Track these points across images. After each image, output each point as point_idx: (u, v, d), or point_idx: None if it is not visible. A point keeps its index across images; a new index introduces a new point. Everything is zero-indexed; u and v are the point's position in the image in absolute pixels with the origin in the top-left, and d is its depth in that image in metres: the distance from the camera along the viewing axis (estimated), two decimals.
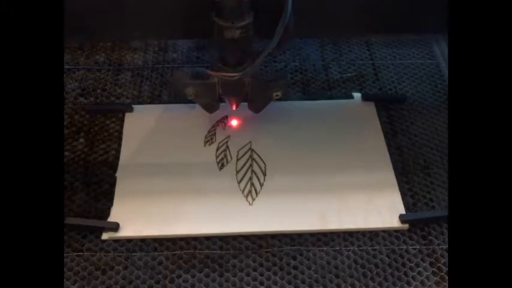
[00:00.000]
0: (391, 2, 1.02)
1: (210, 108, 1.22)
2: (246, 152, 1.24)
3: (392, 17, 1.06)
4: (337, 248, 1.07)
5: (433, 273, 1.04)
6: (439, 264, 1.05)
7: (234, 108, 1.23)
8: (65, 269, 1.03)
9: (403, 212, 1.13)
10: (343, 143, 1.26)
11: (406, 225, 1.11)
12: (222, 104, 1.22)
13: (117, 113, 1.34)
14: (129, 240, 1.08)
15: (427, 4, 1.02)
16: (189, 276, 1.03)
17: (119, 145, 1.26)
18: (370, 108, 1.35)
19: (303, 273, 1.03)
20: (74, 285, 1.01)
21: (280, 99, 1.18)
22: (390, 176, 1.20)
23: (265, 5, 0.98)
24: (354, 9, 1.04)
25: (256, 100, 1.20)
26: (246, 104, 1.22)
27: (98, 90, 1.41)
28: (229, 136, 1.27)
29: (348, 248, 1.07)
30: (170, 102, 1.37)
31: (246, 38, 1.03)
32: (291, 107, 1.34)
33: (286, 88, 1.19)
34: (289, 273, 1.03)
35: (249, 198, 1.15)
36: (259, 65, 1.09)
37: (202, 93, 1.17)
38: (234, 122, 1.29)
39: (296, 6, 0.97)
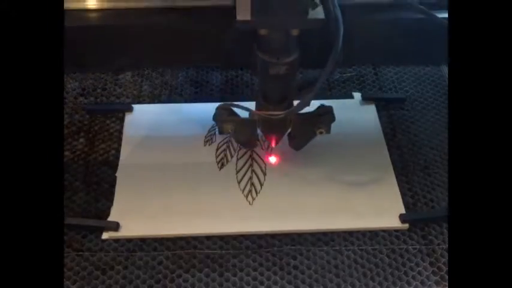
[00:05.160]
0: (395, 38, 1.01)
1: (248, 145, 1.20)
2: (246, 152, 1.24)
3: (399, 50, 1.05)
4: (337, 248, 1.07)
5: (433, 272, 1.04)
6: (439, 264, 1.05)
7: (273, 145, 1.17)
8: (64, 269, 1.03)
9: (403, 211, 1.13)
10: (343, 143, 1.25)
11: (406, 225, 1.11)
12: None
13: (117, 112, 1.34)
14: (129, 240, 1.08)
15: (428, 41, 1.01)
16: (189, 276, 1.03)
17: (119, 145, 1.26)
18: (370, 108, 1.35)
19: (303, 273, 1.03)
20: (73, 285, 1.01)
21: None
22: (390, 176, 1.20)
23: (310, 37, 0.91)
24: (365, 42, 1.01)
25: (298, 137, 1.14)
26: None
27: (98, 90, 1.41)
28: (229, 136, 1.27)
29: (348, 248, 1.07)
30: (170, 102, 1.37)
31: (292, 74, 0.97)
32: None
33: (331, 123, 1.10)
34: (289, 273, 1.03)
35: (249, 197, 1.15)
36: (307, 103, 0.98)
37: (241, 130, 1.12)
38: (273, 160, 1.22)
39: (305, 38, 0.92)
